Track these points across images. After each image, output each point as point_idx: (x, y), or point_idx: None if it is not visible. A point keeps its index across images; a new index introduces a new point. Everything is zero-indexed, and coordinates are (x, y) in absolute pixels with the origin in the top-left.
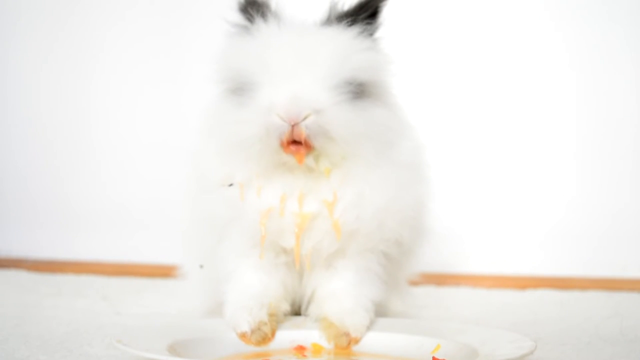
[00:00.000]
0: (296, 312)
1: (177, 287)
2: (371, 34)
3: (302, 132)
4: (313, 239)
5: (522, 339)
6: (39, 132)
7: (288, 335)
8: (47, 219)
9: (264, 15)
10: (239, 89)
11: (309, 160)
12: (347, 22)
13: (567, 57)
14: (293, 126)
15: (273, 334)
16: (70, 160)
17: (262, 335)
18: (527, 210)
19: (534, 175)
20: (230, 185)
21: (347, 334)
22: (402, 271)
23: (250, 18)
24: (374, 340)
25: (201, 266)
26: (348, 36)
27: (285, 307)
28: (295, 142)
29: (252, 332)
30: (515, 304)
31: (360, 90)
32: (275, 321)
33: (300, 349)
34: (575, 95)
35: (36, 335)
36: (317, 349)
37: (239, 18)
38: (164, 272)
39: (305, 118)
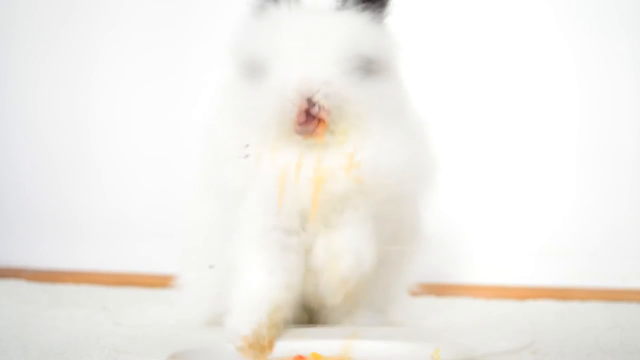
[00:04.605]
0: (299, 319)
1: (177, 297)
2: (381, 21)
3: (315, 107)
4: (330, 189)
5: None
6: (38, 141)
7: (288, 345)
8: (47, 229)
9: None
10: (252, 70)
11: (327, 137)
12: (359, 7)
13: (570, 66)
14: (306, 101)
15: (272, 344)
16: (69, 169)
17: (261, 346)
18: (526, 220)
19: (533, 185)
20: (247, 156)
21: (337, 273)
22: (402, 278)
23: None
24: (374, 349)
25: (211, 266)
26: (359, 21)
27: (288, 313)
28: (307, 119)
29: (251, 344)
30: (515, 314)
31: (369, 68)
32: (277, 330)
33: (300, 359)
34: (577, 105)
35: (35, 345)
36: (317, 359)
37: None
38: (163, 282)
39: (316, 93)
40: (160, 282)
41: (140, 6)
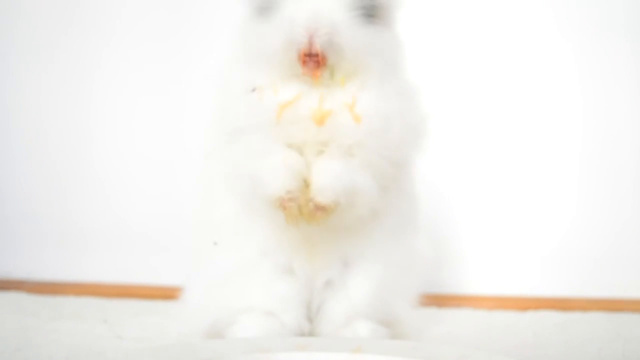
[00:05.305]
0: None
1: (178, 309)
2: None
3: (319, 46)
4: (330, 129)
5: None
6: (40, 151)
7: (290, 358)
8: (47, 241)
9: None
10: (265, 8)
11: (325, 75)
12: None
13: (575, 70)
14: (311, 39)
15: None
16: (71, 181)
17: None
18: (528, 230)
19: (535, 195)
20: (253, 90)
21: (312, 200)
22: (405, 289)
23: None
24: None
25: (215, 243)
26: None
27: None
28: (311, 57)
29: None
30: (517, 325)
31: (372, 15)
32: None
33: None
34: (581, 115)
35: (36, 358)
36: None
37: None
38: (164, 294)
39: (322, 33)
40: (161, 294)
41: (144, 14)
